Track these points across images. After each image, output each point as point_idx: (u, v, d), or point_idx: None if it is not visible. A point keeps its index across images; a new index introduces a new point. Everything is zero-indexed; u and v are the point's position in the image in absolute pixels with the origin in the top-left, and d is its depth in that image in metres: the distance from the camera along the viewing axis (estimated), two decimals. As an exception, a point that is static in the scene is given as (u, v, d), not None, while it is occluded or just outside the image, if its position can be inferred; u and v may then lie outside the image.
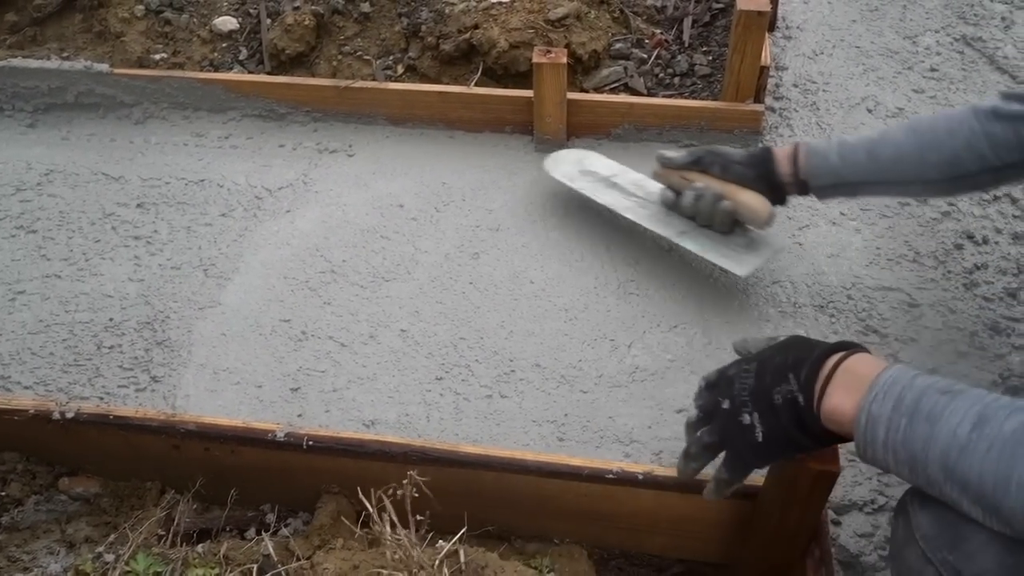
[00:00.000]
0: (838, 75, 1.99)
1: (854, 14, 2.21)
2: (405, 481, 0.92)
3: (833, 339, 1.41)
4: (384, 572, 0.94)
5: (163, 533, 1.11)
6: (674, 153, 1.46)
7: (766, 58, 1.72)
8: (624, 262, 1.56)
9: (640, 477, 1.09)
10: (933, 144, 1.22)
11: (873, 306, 1.47)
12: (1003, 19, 2.17)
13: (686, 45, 2.17)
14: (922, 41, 2.10)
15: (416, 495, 0.92)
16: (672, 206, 1.48)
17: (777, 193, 1.38)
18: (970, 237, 1.59)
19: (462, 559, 0.96)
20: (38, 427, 1.20)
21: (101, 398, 1.36)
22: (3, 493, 1.21)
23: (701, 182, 1.42)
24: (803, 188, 1.36)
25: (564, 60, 1.68)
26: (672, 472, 1.08)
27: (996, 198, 1.67)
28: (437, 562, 0.97)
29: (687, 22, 2.23)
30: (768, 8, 1.63)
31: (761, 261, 1.42)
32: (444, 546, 0.97)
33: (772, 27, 2.16)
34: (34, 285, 1.57)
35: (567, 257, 1.58)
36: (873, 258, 1.56)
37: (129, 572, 0.97)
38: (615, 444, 1.27)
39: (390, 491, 0.92)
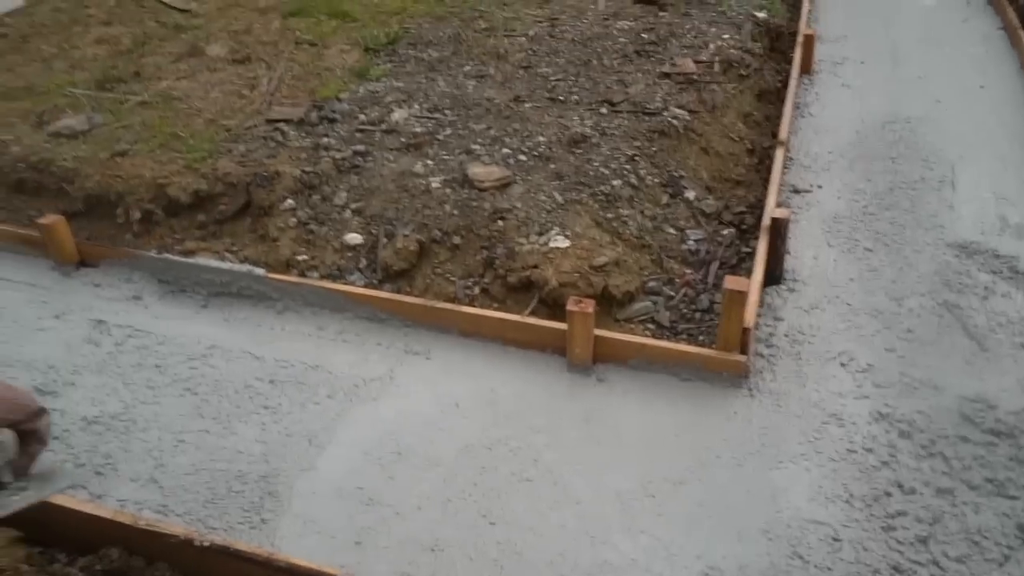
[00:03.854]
0: (825, 329, 2.44)
1: (854, 272, 2.68)
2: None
3: (765, 559, 1.82)
4: None
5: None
6: None
7: (749, 321, 2.21)
8: (637, 463, 2.04)
9: (580, 648, 1.53)
10: None
11: (805, 535, 1.87)
12: (985, 288, 2.57)
13: (710, 285, 2.69)
14: (907, 303, 2.53)
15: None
16: None
17: None
18: (900, 486, 1.97)
19: None
20: (183, 549, 1.76)
21: (226, 530, 1.92)
22: (153, 593, 1.77)
23: None
24: None
25: (591, 310, 2.23)
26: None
27: (931, 455, 2.05)
28: None
29: (714, 266, 2.75)
30: (746, 289, 2.14)
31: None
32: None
33: (779, 279, 2.64)
34: (191, 436, 2.19)
35: (583, 457, 2.07)
36: (814, 494, 1.96)
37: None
38: (579, 619, 1.72)
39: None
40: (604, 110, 3.36)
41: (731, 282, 2.16)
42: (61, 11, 4.64)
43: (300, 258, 2.80)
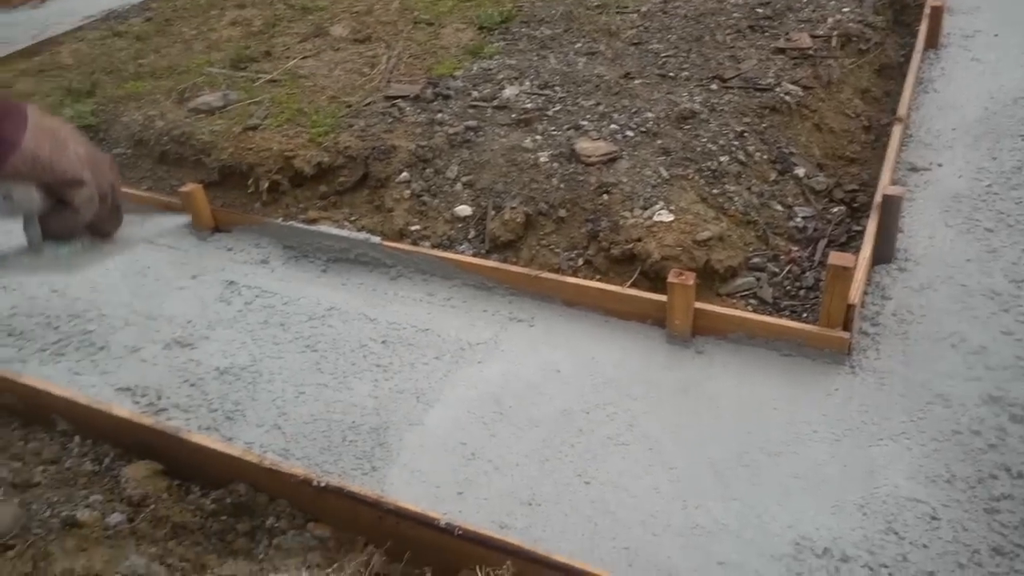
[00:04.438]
0: (936, 310, 2.38)
1: (971, 253, 2.58)
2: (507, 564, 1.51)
3: (859, 532, 1.82)
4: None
5: (362, 571, 1.77)
6: None
7: (853, 297, 2.18)
8: (733, 433, 2.07)
9: (667, 602, 1.59)
10: None
11: (901, 512, 1.86)
12: (1118, 273, 2.43)
13: (816, 263, 2.65)
14: (1028, 286, 2.43)
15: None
16: None
17: None
18: (1007, 470, 1.92)
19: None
20: (302, 488, 1.93)
21: (340, 475, 2.08)
22: (276, 524, 1.94)
23: None
24: None
25: (691, 283, 2.26)
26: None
27: (1044, 439, 1.98)
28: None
29: (821, 243, 2.72)
30: (851, 264, 2.11)
31: None
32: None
33: (890, 258, 2.58)
34: (311, 389, 2.36)
35: (679, 426, 2.12)
36: (914, 473, 1.94)
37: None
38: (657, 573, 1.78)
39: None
40: (714, 86, 3.34)
41: (836, 258, 2.14)
42: (200, -4, 4.97)
43: (413, 228, 2.95)
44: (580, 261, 2.69)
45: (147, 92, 3.74)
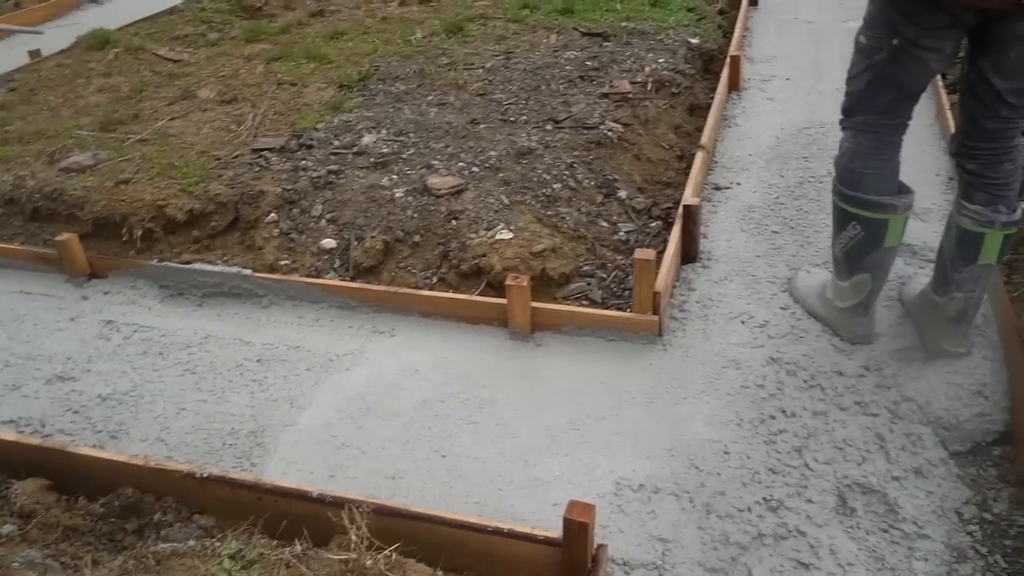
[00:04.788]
0: (730, 295, 2.85)
1: (760, 250, 3.10)
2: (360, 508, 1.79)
3: (667, 469, 2.20)
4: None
5: (243, 547, 2.00)
6: None
7: (658, 286, 2.61)
8: (566, 405, 2.43)
9: (505, 529, 1.90)
10: None
11: (701, 451, 2.26)
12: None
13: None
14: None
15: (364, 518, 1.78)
16: None
17: None
18: (783, 411, 2.36)
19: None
20: (186, 482, 2.14)
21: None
22: (164, 519, 2.14)
23: None
24: None
25: (526, 283, 2.64)
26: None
27: (812, 387, 2.44)
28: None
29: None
30: (652, 257, 2.55)
31: None
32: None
33: (695, 259, 3.06)
34: (191, 405, 2.57)
35: (521, 404, 2.46)
36: (711, 421, 2.35)
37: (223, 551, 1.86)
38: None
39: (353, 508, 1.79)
40: (549, 127, 3.81)
41: (640, 253, 2.57)
42: (64, 66, 5.12)
43: (282, 263, 3.22)
44: (435, 279, 3.03)
45: (15, 156, 3.87)
